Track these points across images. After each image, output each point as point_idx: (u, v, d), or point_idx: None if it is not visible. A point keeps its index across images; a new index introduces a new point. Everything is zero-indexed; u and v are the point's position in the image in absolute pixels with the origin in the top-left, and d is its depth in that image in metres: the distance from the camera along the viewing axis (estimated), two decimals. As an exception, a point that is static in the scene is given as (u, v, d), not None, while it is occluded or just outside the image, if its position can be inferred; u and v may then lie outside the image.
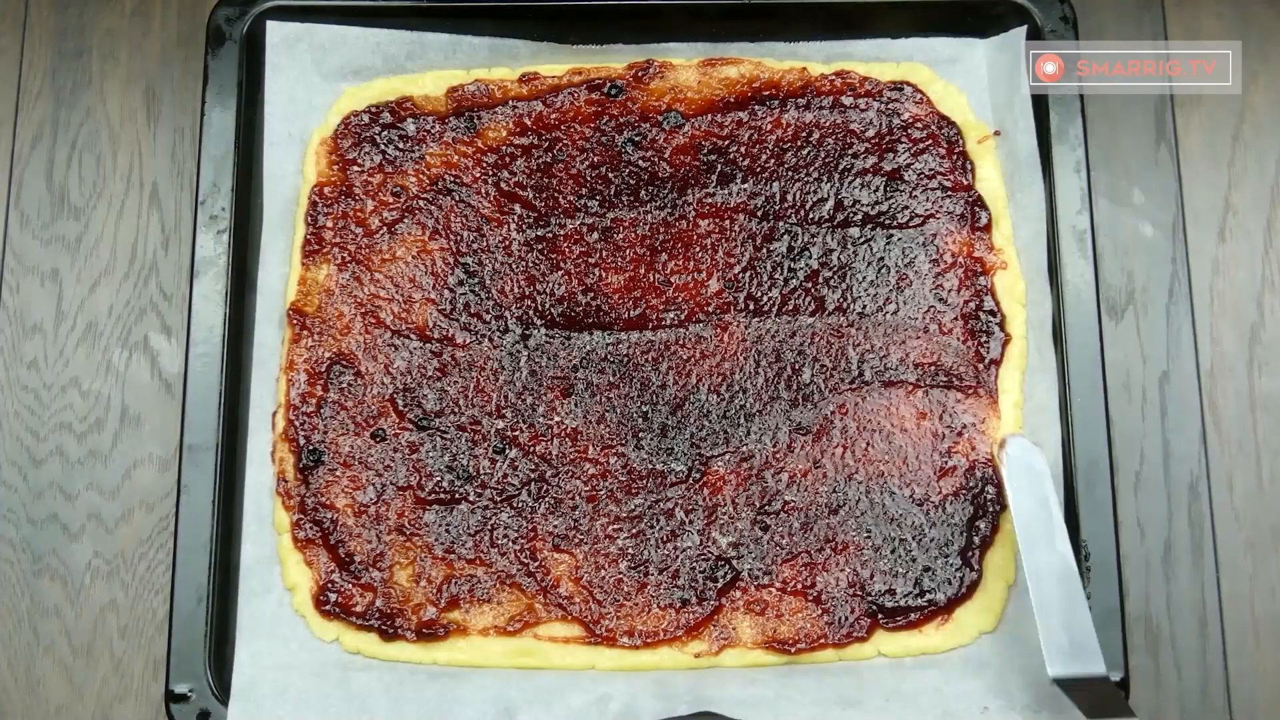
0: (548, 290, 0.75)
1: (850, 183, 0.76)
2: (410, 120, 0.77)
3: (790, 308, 0.74)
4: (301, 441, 0.73)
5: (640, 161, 0.77)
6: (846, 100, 0.78)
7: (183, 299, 0.78)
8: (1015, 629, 0.70)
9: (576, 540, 0.71)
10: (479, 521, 0.72)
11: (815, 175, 0.76)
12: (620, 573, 0.71)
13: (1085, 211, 0.74)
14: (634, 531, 0.72)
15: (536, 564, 0.71)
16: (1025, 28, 0.76)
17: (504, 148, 0.77)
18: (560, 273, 0.75)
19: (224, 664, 0.69)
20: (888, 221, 0.76)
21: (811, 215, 0.76)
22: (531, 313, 0.75)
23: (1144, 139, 0.81)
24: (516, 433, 0.73)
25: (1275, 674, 0.74)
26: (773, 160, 0.77)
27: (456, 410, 0.73)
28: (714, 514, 0.72)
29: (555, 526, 0.72)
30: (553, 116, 0.77)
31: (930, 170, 0.77)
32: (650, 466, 0.72)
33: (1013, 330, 0.74)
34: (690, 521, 0.72)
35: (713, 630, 0.70)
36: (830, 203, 0.76)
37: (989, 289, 0.75)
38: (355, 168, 0.77)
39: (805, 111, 0.77)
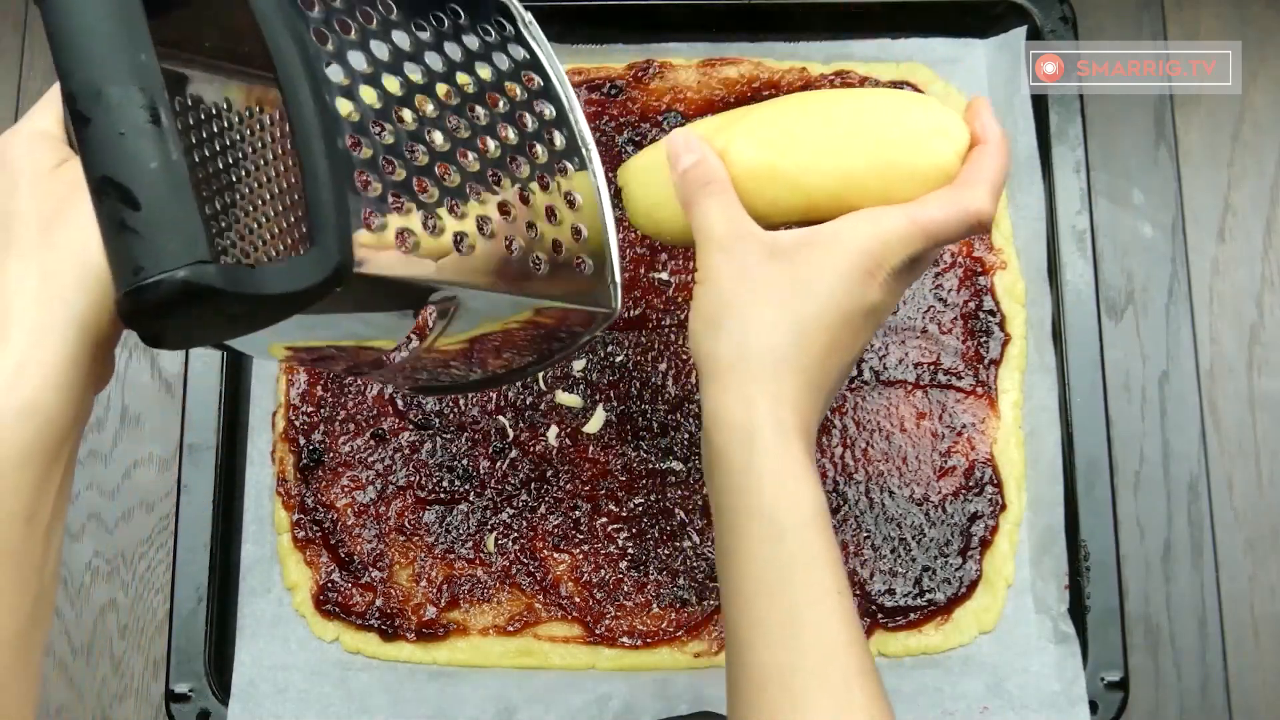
0: (548, 290, 0.75)
1: (850, 183, 0.76)
2: (410, 120, 0.77)
3: (790, 308, 0.74)
4: (301, 441, 0.73)
5: (640, 161, 0.76)
6: (846, 100, 0.77)
7: (183, 299, 0.78)
8: (1015, 629, 0.70)
9: (576, 540, 0.71)
10: (479, 521, 0.72)
11: (815, 175, 0.76)
12: (620, 573, 0.71)
13: (1085, 212, 0.74)
14: (634, 531, 0.72)
15: (536, 564, 0.71)
16: (1025, 28, 0.76)
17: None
18: (560, 273, 0.75)
19: (224, 664, 0.69)
20: (887, 221, 0.76)
21: (811, 215, 0.76)
22: (531, 313, 0.75)
23: (1144, 139, 0.81)
24: (516, 432, 0.73)
25: (1275, 674, 0.74)
26: (772, 160, 0.77)
27: (456, 410, 0.73)
28: (714, 514, 0.72)
29: (555, 526, 0.72)
30: (553, 116, 0.77)
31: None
32: (650, 466, 0.72)
33: (1012, 330, 0.74)
34: (690, 521, 0.72)
35: (713, 630, 0.70)
36: (830, 203, 0.76)
37: (989, 289, 0.75)
38: (355, 168, 0.77)
39: (805, 111, 0.77)
